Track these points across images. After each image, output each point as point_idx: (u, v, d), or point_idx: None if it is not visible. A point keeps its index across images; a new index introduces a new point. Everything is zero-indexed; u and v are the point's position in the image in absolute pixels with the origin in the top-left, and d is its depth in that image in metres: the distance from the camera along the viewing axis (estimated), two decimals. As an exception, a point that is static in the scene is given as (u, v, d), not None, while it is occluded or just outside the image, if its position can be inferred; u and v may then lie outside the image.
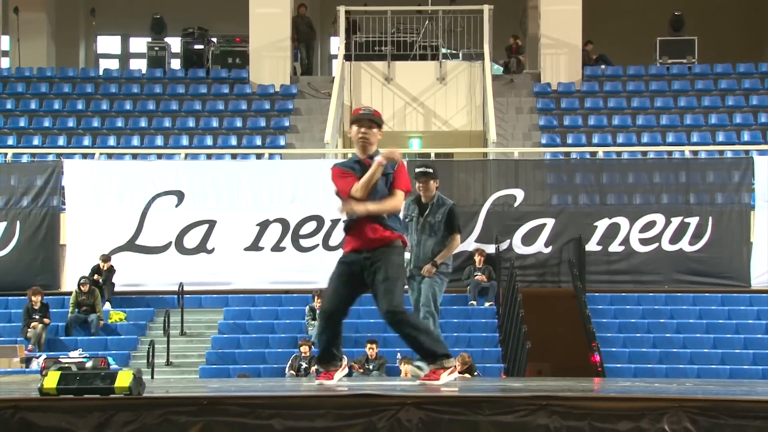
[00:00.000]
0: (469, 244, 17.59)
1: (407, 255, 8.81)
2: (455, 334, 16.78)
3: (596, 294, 17.20)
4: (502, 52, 24.13)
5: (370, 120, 6.98)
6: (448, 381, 6.86)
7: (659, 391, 6.45)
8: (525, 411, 5.16)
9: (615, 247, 17.60)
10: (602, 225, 17.51)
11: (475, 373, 15.09)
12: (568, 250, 17.56)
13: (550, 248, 17.64)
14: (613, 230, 17.56)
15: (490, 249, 17.55)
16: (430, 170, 9.35)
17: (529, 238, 17.66)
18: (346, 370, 7.70)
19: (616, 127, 21.58)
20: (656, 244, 17.56)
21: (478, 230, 17.69)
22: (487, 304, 17.38)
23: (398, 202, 6.82)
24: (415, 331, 6.89)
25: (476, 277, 17.37)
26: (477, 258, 17.43)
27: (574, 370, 14.05)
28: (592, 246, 17.49)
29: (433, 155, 19.34)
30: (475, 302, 17.36)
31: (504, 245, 17.57)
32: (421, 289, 9.25)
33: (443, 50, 22.48)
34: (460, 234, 9.50)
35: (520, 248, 17.64)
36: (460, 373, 15.01)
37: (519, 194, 17.84)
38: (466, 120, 21.84)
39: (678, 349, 16.31)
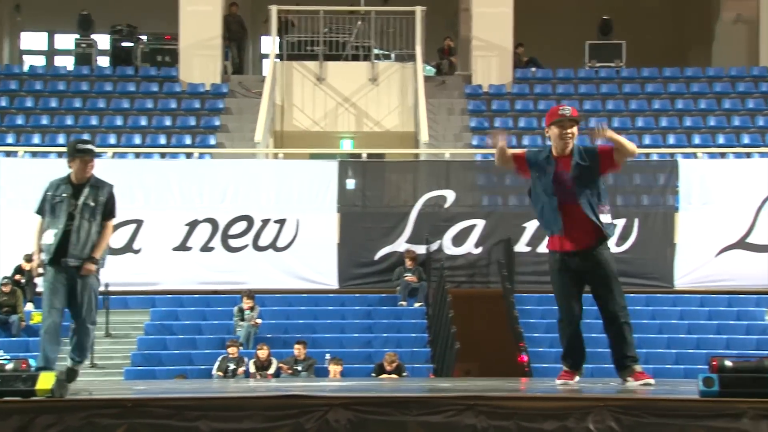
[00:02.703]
0: (400, 245, 17.63)
1: (48, 240, 7.93)
2: (385, 335, 16.81)
3: (524, 294, 17.34)
4: (434, 54, 24.24)
5: (570, 120, 7.38)
6: None
7: (584, 390, 6.55)
8: (452, 411, 5.19)
9: (543, 248, 17.73)
10: (531, 226, 17.65)
11: (404, 374, 15.13)
12: (498, 251, 17.69)
13: (479, 249, 17.75)
14: (541, 231, 17.58)
15: (421, 250, 17.60)
16: (93, 147, 8.42)
17: (459, 239, 17.75)
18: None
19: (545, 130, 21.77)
20: (584, 246, 17.75)
21: (408, 231, 17.73)
22: (416, 305, 17.44)
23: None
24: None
25: (406, 278, 17.42)
26: (407, 259, 17.47)
27: (502, 371, 14.15)
28: (521, 247, 17.63)
29: (364, 156, 19.34)
30: (404, 303, 17.40)
31: (434, 246, 17.63)
32: (79, 292, 7.97)
33: (375, 51, 22.50)
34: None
35: (450, 249, 17.72)
36: (387, 373, 15.05)
37: (450, 195, 17.91)
38: (398, 121, 21.89)
39: (603, 349, 16.40)
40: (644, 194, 18.13)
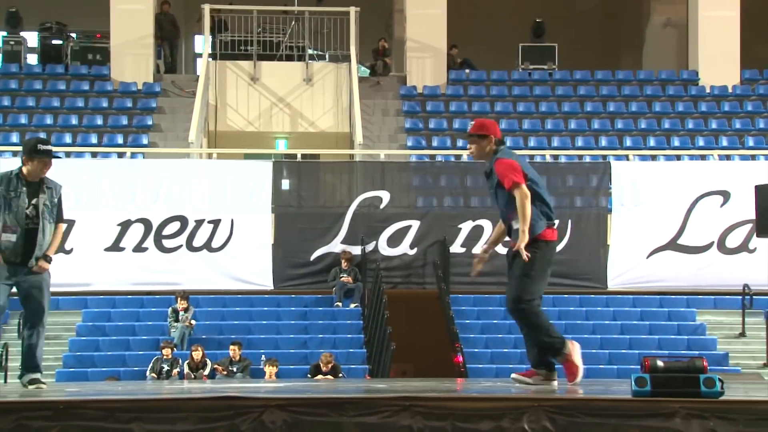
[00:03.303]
0: (335, 246, 17.61)
1: (10, 238, 7.71)
2: (321, 336, 16.77)
3: (460, 295, 17.43)
4: (368, 55, 24.27)
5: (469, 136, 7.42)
6: None
7: (519, 391, 6.59)
8: (389, 412, 5.20)
9: (478, 249, 17.88)
10: (466, 227, 17.75)
11: (340, 375, 15.11)
12: (433, 251, 17.76)
13: (415, 250, 17.80)
14: (476, 232, 17.82)
15: (356, 250, 17.60)
16: (52, 148, 8.13)
17: (395, 240, 17.78)
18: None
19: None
20: (518, 247, 17.89)
21: (344, 232, 17.71)
22: (352, 306, 17.43)
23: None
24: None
25: (342, 279, 17.40)
26: (343, 259, 17.46)
27: (438, 371, 14.20)
28: (456, 248, 17.71)
29: (299, 156, 19.30)
30: (340, 303, 17.38)
31: (370, 247, 17.64)
32: (32, 293, 7.82)
33: (310, 51, 22.45)
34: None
35: (385, 250, 17.74)
36: (323, 374, 15.03)
37: (385, 196, 17.93)
38: (333, 121, 21.86)
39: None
40: (577, 196, 18.34)
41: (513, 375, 7.31)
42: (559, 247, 17.58)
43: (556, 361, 7.15)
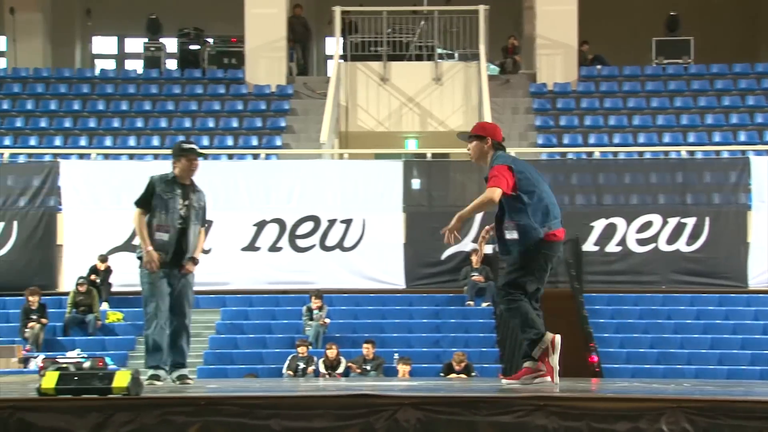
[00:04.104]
0: (466, 245, 17.59)
1: (163, 237, 8.04)
2: (453, 334, 16.79)
3: (593, 294, 17.20)
4: (498, 53, 24.14)
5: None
6: None
7: (657, 391, 6.46)
8: (523, 411, 5.17)
9: (612, 247, 17.61)
10: (599, 225, 17.51)
11: (473, 374, 15.09)
12: (565, 250, 17.54)
13: (547, 248, 17.60)
14: (610, 231, 17.56)
15: (487, 249, 17.54)
16: (196, 147, 8.45)
17: (526, 239, 17.61)
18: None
19: (612, 128, 21.59)
20: (653, 245, 17.57)
21: (475, 231, 17.67)
22: (484, 305, 17.38)
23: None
24: None
25: (473, 278, 17.37)
26: (474, 258, 17.43)
27: (571, 371, 14.00)
28: (589, 246, 17.49)
29: (429, 155, 19.33)
30: (472, 302, 17.36)
31: (501, 246, 17.52)
32: (179, 292, 8.20)
33: (439, 50, 22.47)
34: None
35: (517, 249, 17.60)
36: (456, 373, 15.03)
37: (516, 195, 17.79)
38: (462, 120, 21.81)
39: (675, 350, 16.32)
40: (715, 192, 17.86)
41: (503, 380, 7.27)
42: (696, 246, 17.44)
43: (533, 354, 7.00)
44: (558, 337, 7.08)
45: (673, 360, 16.06)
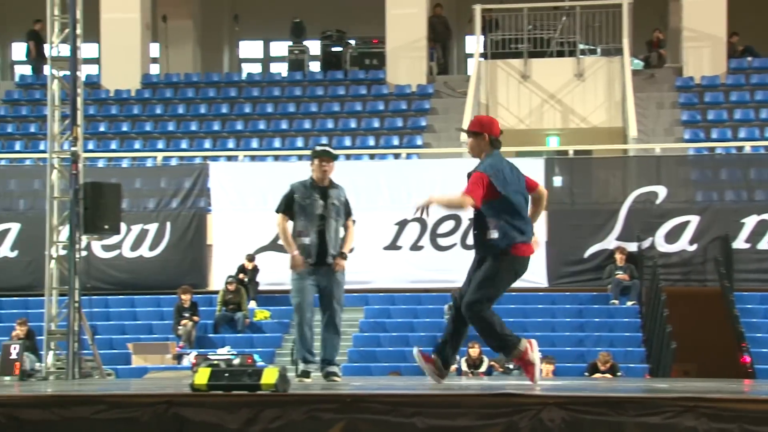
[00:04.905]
0: (610, 243, 17.31)
1: (304, 241, 8.23)
2: (597, 334, 16.55)
3: (745, 293, 16.69)
4: (641, 47, 23.64)
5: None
6: None
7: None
8: (671, 412, 5.06)
9: (765, 244, 17.04)
10: (750, 222, 16.99)
11: (619, 374, 14.84)
12: (714, 247, 17.09)
13: (694, 246, 17.20)
14: (762, 227, 17.01)
15: (632, 247, 17.22)
16: (329, 149, 8.61)
17: (673, 236, 17.25)
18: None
19: (763, 121, 20.87)
20: (809, 241, 16.93)
21: (618, 228, 17.40)
22: (629, 303, 17.07)
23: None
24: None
25: (617, 276, 17.08)
26: (618, 256, 17.14)
27: (723, 372, 13.64)
28: (739, 243, 16.99)
29: (571, 152, 19.09)
30: (617, 301, 17.07)
31: (646, 243, 17.22)
32: (329, 290, 8.52)
33: (581, 46, 22.15)
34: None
35: (663, 246, 17.26)
36: (601, 373, 14.80)
37: (661, 191, 17.45)
38: (605, 116, 21.47)
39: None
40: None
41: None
42: None
43: (510, 359, 7.00)
44: (534, 341, 7.20)
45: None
